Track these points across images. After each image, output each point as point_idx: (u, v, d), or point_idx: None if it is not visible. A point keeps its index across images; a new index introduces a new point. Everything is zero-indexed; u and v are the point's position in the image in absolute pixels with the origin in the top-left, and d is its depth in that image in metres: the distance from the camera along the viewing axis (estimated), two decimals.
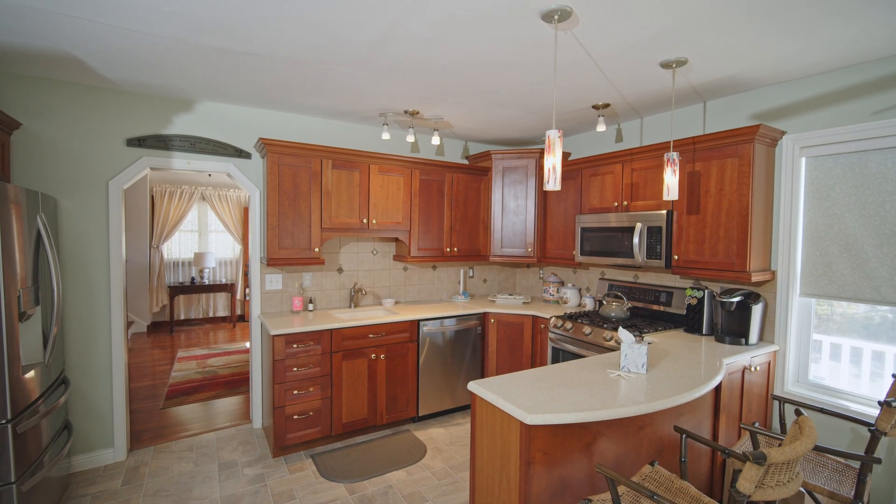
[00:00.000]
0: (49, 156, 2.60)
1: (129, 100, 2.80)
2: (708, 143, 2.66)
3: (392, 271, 3.95)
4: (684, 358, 2.27)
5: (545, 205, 3.93)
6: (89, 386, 2.76)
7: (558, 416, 1.53)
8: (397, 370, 3.29)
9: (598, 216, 3.31)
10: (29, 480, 2.00)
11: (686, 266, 2.81)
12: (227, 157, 3.14)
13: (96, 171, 2.73)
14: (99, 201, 2.74)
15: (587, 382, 1.87)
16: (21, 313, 2.01)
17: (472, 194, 3.99)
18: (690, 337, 2.79)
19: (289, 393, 2.85)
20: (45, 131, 2.59)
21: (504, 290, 4.67)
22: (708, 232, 2.70)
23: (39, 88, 2.56)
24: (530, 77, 2.53)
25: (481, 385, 1.81)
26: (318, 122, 3.50)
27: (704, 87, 2.71)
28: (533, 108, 3.16)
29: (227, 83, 2.66)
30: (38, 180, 2.58)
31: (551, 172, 1.80)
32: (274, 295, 3.38)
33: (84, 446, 2.75)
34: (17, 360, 1.96)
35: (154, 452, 2.97)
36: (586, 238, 3.43)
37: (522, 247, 4.00)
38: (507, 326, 3.71)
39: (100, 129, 2.73)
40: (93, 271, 2.75)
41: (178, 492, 2.52)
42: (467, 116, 3.37)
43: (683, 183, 2.81)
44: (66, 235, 2.66)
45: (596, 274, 3.90)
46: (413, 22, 1.89)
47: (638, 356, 2.00)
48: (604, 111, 3.19)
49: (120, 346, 2.85)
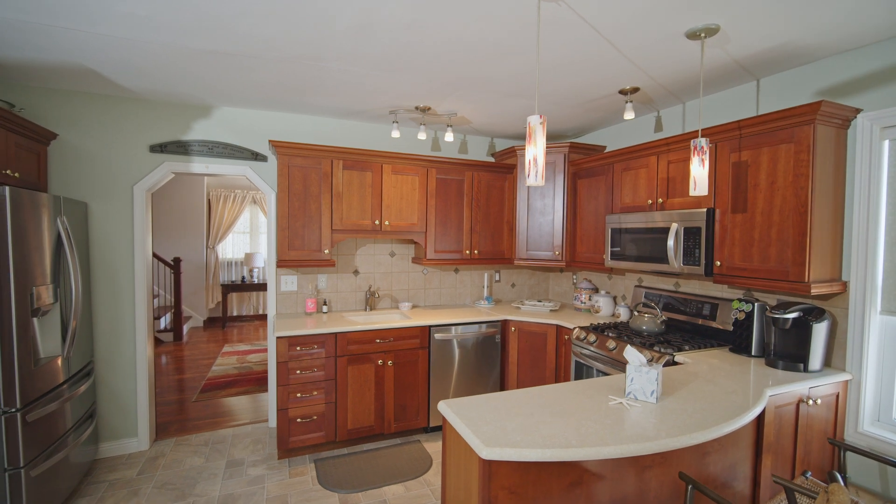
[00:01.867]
0: (81, 163, 2.81)
1: (150, 108, 2.95)
2: (756, 126, 2.22)
3: (411, 274, 3.83)
4: (716, 384, 1.89)
5: (575, 204, 3.59)
6: (116, 378, 2.94)
7: (519, 452, 1.30)
8: (407, 378, 3.16)
9: (630, 216, 2.94)
10: (39, 466, 2.13)
11: (730, 274, 2.38)
12: (243, 160, 3.21)
13: (122, 176, 2.90)
14: (124, 205, 2.91)
15: (578, 410, 1.59)
16: (35, 309, 2.15)
17: (495, 193, 3.76)
18: (735, 358, 2.35)
19: (292, 396, 2.83)
20: (78, 140, 2.80)
21: (534, 295, 4.37)
22: (757, 234, 2.25)
23: (72, 101, 2.77)
24: (534, 61, 2.27)
25: (449, 406, 1.61)
26: (332, 123, 3.48)
27: (752, 62, 2.27)
28: (552, 97, 2.87)
29: (228, 86, 2.69)
30: (72, 186, 2.79)
31: (532, 165, 1.56)
32: (289, 296, 3.41)
33: (111, 434, 2.93)
34: (28, 352, 2.09)
35: (174, 444, 3.10)
36: (617, 240, 3.07)
37: (549, 250, 3.69)
38: (528, 336, 3.43)
39: (125, 136, 2.90)
40: (119, 270, 2.92)
41: (182, 486, 2.58)
42: (480, 110, 3.16)
43: (727, 175, 2.38)
44: (96, 237, 2.86)
45: (633, 281, 3.49)
46: (388, 5, 1.74)
47: (646, 382, 1.68)
48: (632, 96, 2.82)
49: (143, 342, 3.01)
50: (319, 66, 2.37)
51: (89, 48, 2.13)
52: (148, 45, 2.10)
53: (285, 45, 2.11)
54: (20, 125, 2.36)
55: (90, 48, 2.13)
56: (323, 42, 2.07)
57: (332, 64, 2.33)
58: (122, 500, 2.44)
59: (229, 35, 1.99)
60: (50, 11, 1.78)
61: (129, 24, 1.89)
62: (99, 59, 2.27)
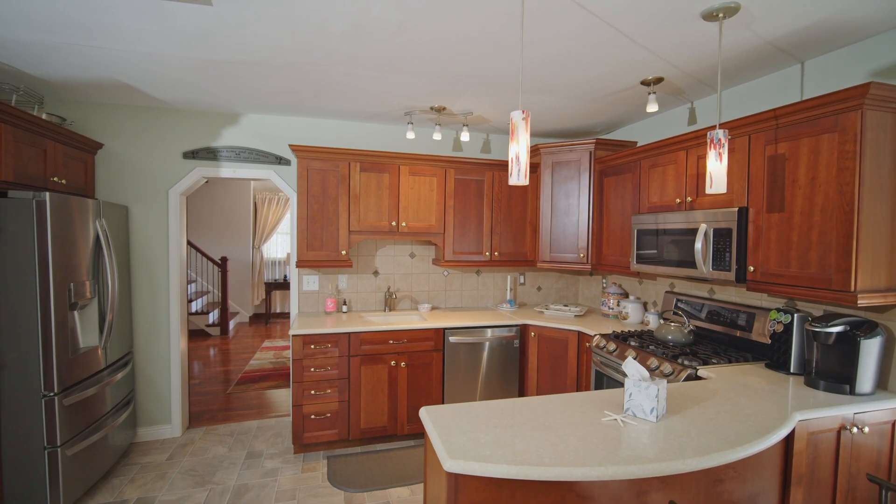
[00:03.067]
0: (123, 170, 3.06)
1: (183, 117, 3.16)
2: (794, 115, 1.97)
3: (431, 276, 3.81)
4: (735, 403, 1.69)
5: (602, 203, 3.40)
6: (152, 368, 3.17)
7: (484, 467, 1.23)
8: (420, 380, 3.14)
9: (657, 216, 2.73)
10: (76, 446, 2.34)
11: (764, 281, 2.13)
12: (268, 164, 3.35)
13: (159, 181, 3.13)
14: (160, 208, 3.14)
15: (564, 425, 1.49)
16: (73, 303, 2.37)
17: (517, 193, 3.65)
18: (769, 375, 2.10)
19: (306, 392, 2.91)
20: (121, 149, 3.05)
21: (561, 300, 4.19)
22: (795, 236, 2.00)
23: (115, 113, 3.03)
24: (538, 53, 2.16)
25: (429, 412, 1.57)
26: (351, 126, 3.54)
27: (788, 42, 2.01)
28: (568, 91, 2.73)
29: (249, 94, 2.81)
30: (116, 191, 3.05)
31: (514, 163, 1.47)
32: (311, 295, 3.51)
33: (148, 420, 3.17)
34: (66, 342, 2.31)
35: (203, 433, 3.29)
36: (643, 243, 2.86)
37: (574, 252, 3.52)
38: (549, 342, 3.29)
39: (161, 144, 3.12)
40: (156, 269, 3.15)
41: (203, 473, 2.73)
42: (495, 108, 3.07)
43: (762, 171, 2.14)
44: (136, 238, 3.10)
45: (665, 286, 3.25)
46: (375, 6, 1.73)
47: (645, 398, 1.54)
48: (656, 87, 2.61)
49: (177, 335, 3.22)
50: (325, 71, 2.41)
51: (117, 63, 2.31)
52: (166, 58, 2.24)
53: (288, 52, 2.16)
54: (67, 137, 2.61)
55: (118, 63, 2.31)
56: (321, 46, 2.10)
57: (337, 68, 2.37)
58: (149, 482, 2.62)
59: (233, 45, 2.08)
60: (72, 31, 1.95)
61: (142, 39, 2.02)
62: (129, 74, 2.46)
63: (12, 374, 2.15)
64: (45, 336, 2.19)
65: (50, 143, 2.46)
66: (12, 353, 2.14)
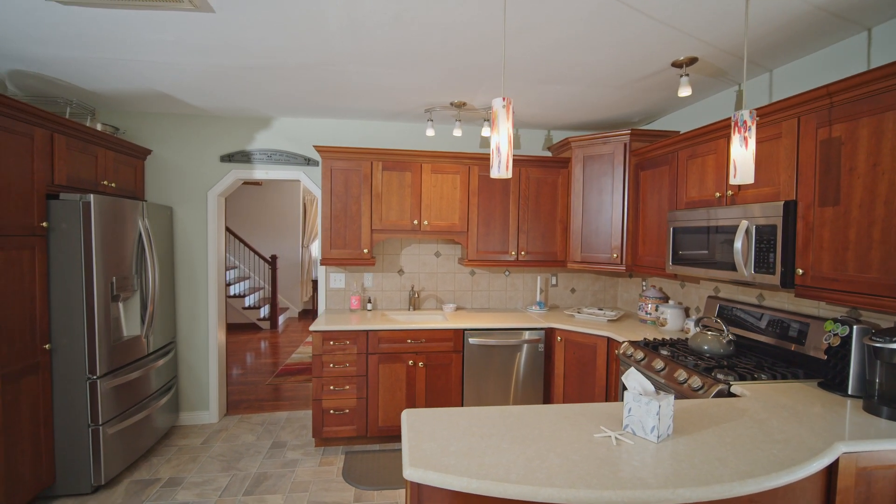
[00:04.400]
0: (168, 174, 3.32)
1: (220, 123, 3.36)
2: (851, 91, 1.67)
3: (457, 275, 3.75)
4: (764, 427, 1.46)
5: (637, 199, 3.14)
6: (193, 357, 3.41)
7: (442, 478, 1.15)
8: (439, 381, 3.09)
9: (695, 212, 2.46)
10: (117, 425, 2.57)
11: (815, 286, 1.83)
12: (297, 165, 3.48)
13: (199, 183, 3.36)
14: (200, 208, 3.37)
15: (548, 439, 1.36)
16: (115, 295, 2.60)
17: (546, 190, 3.48)
18: (821, 396, 1.80)
19: (326, 388, 2.97)
20: (167, 154, 3.31)
21: (597, 303, 3.93)
22: (853, 233, 1.69)
23: (162, 121, 3.29)
24: (547, 38, 2.02)
25: (409, 415, 1.51)
26: (374, 126, 3.57)
27: (845, 6, 1.71)
28: (592, 79, 2.54)
29: (274, 98, 2.92)
30: (162, 193, 3.32)
31: (495, 154, 1.38)
32: (337, 293, 3.59)
33: (188, 406, 3.41)
34: (108, 330, 2.53)
35: (238, 421, 3.48)
36: (679, 241, 2.59)
37: (607, 251, 3.29)
38: (576, 347, 3.10)
39: (201, 149, 3.35)
40: (196, 265, 3.39)
41: (230, 459, 2.88)
42: (517, 100, 2.94)
43: (812, 158, 1.84)
44: (179, 236, 3.35)
45: (709, 290, 2.93)
46: (366, 1, 1.71)
47: (646, 415, 1.37)
48: (690, 69, 2.35)
49: (215, 328, 3.44)
50: (338, 70, 2.44)
51: (150, 74, 2.50)
52: (187, 66, 2.38)
53: (294, 53, 2.21)
54: (116, 144, 2.87)
55: (151, 74, 2.50)
56: (324, 44, 2.11)
57: (347, 66, 2.38)
58: (182, 463, 2.82)
59: (241, 49, 2.16)
60: (105, 47, 2.12)
61: (165, 50, 2.16)
62: (163, 83, 2.65)
63: (62, 357, 2.40)
64: (89, 324, 2.42)
65: (100, 151, 2.72)
66: (62, 339, 2.39)
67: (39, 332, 2.28)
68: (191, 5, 1.73)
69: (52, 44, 2.10)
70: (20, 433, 2.17)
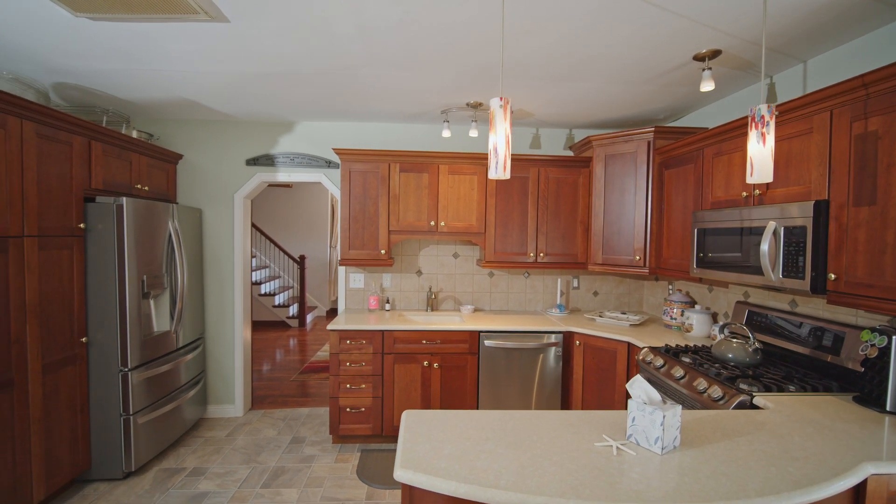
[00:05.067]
0: (198, 177, 3.48)
1: (245, 128, 3.49)
2: (890, 80, 1.54)
3: (475, 277, 3.73)
4: (783, 442, 1.36)
5: (661, 199, 3.02)
6: (220, 353, 3.56)
7: (431, 480, 1.14)
8: (454, 382, 3.08)
9: (720, 213, 2.34)
10: (147, 415, 2.71)
11: (850, 292, 1.70)
12: (319, 168, 3.56)
13: (226, 186, 3.50)
14: (227, 210, 3.51)
15: (545, 446, 1.33)
16: (146, 293, 2.75)
17: (566, 190, 3.40)
18: (855, 411, 1.66)
19: (342, 386, 3.02)
20: (197, 159, 3.48)
21: (621, 307, 3.81)
22: (892, 235, 1.56)
23: (192, 128, 3.46)
24: (556, 34, 1.97)
25: (408, 416, 1.51)
26: (394, 128, 3.60)
27: None
28: (610, 75, 2.46)
29: (294, 103, 3.01)
30: (192, 196, 3.48)
31: (493, 155, 1.36)
32: (357, 293, 3.65)
33: (216, 399, 3.56)
34: (139, 325, 2.68)
35: (261, 415, 3.61)
36: (704, 243, 2.47)
37: (629, 253, 3.18)
38: (595, 352, 3.01)
39: (228, 153, 3.49)
40: (223, 264, 3.53)
41: (251, 452, 2.99)
42: (534, 99, 2.89)
43: (846, 154, 1.71)
44: (207, 237, 3.51)
45: (738, 294, 2.77)
46: (369, 5, 1.73)
47: (650, 425, 1.31)
48: (713, 62, 2.23)
49: (240, 325, 3.57)
50: (351, 74, 2.48)
51: (178, 83, 2.63)
52: (213, 75, 2.48)
53: (308, 59, 2.26)
54: (149, 150, 3.04)
55: (178, 83, 2.63)
56: (335, 49, 2.15)
57: (361, 70, 2.42)
58: (207, 454, 2.94)
59: (257, 57, 2.23)
60: (133, 58, 2.25)
61: (188, 60, 2.27)
62: (190, 91, 2.78)
63: (97, 350, 2.56)
64: (121, 319, 2.57)
65: (134, 156, 2.89)
66: (98, 333, 2.55)
67: (77, 326, 2.45)
68: (207, 16, 1.80)
69: (88, 57, 2.24)
70: (59, 420, 2.33)
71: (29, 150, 2.13)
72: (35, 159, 2.16)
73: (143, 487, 2.55)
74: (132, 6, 1.71)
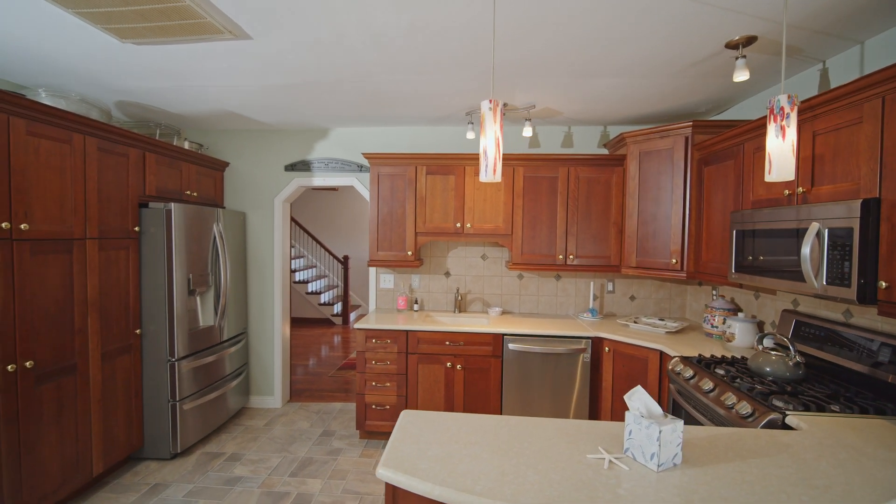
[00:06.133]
0: (243, 183, 3.74)
1: (284, 136, 3.70)
2: None
3: (504, 278, 3.68)
4: (806, 467, 1.23)
5: (701, 198, 2.82)
6: (262, 347, 3.80)
7: (409, 480, 1.16)
8: (478, 385, 3.07)
9: (759, 212, 2.15)
10: (191, 402, 2.96)
11: None
12: (351, 172, 3.70)
13: (267, 191, 3.73)
14: (268, 213, 3.74)
15: (533, 454, 1.30)
16: (192, 290, 3.00)
17: (598, 190, 3.28)
18: None
19: (368, 383, 3.11)
20: (242, 166, 3.74)
21: (661, 312, 3.59)
22: None
23: (237, 137, 3.72)
24: (573, 28, 1.91)
25: (405, 416, 1.54)
26: (422, 131, 3.65)
27: None
28: (637, 69, 2.34)
29: (325, 111, 3.14)
30: (238, 200, 3.75)
31: (483, 158, 1.34)
32: (387, 293, 3.74)
33: (257, 390, 3.80)
34: (185, 319, 2.93)
35: (298, 408, 3.80)
36: (743, 246, 2.28)
37: (665, 256, 3.00)
38: (625, 360, 2.88)
39: (269, 160, 3.72)
40: (265, 264, 3.77)
41: (284, 442, 3.16)
42: (560, 97, 2.82)
43: None
44: (251, 239, 3.76)
45: (787, 302, 2.53)
46: (377, 14, 1.78)
47: (646, 440, 1.24)
48: (748, 49, 2.04)
49: (279, 321, 3.79)
50: (373, 80, 2.55)
51: (218, 97, 2.85)
52: (247, 88, 2.66)
53: (329, 69, 2.36)
54: (198, 159, 3.31)
55: (219, 97, 2.84)
56: (352, 58, 2.23)
57: (380, 76, 2.48)
58: (244, 442, 3.15)
59: (283, 70, 2.36)
60: (177, 76, 2.47)
61: (223, 75, 2.45)
62: (231, 104, 3.00)
63: (150, 342, 2.83)
64: (169, 314, 2.83)
65: (184, 165, 3.17)
66: (150, 326, 2.82)
67: (132, 319, 2.73)
68: (231, 35, 1.94)
69: (139, 77, 2.50)
70: (116, 402, 2.61)
71: (91, 162, 2.41)
72: (96, 170, 2.44)
73: (186, 468, 2.78)
74: (167, 31, 1.89)
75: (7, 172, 1.97)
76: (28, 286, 2.06)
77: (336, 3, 1.70)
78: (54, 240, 2.20)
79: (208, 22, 1.81)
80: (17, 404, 2.02)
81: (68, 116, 2.24)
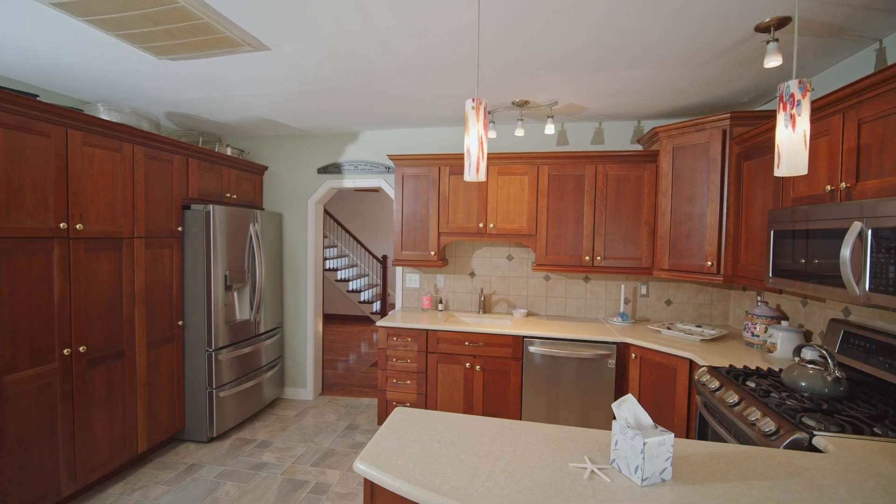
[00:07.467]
0: (279, 185, 3.96)
1: (316, 140, 3.87)
2: None
3: (530, 280, 3.61)
4: (819, 494, 1.10)
5: (738, 196, 2.61)
6: (295, 342, 3.99)
7: (379, 476, 1.17)
8: (497, 386, 3.03)
9: (798, 211, 1.95)
10: (226, 391, 3.18)
11: None
12: (379, 173, 3.79)
13: (301, 193, 3.92)
14: (302, 214, 3.93)
15: (512, 459, 1.27)
16: (229, 286, 3.22)
17: (629, 188, 3.12)
18: None
19: (389, 380, 3.18)
20: (279, 170, 3.96)
21: (700, 318, 3.35)
22: None
23: (274, 142, 3.94)
24: (587, 19, 1.84)
25: (397, 413, 1.56)
26: (446, 132, 3.66)
27: None
28: (661, 59, 2.21)
29: (350, 115, 3.25)
30: (275, 202, 3.97)
31: (466, 157, 1.33)
32: (412, 292, 3.80)
33: (291, 382, 4.00)
34: (222, 313, 3.15)
35: (328, 401, 3.95)
36: (781, 248, 2.09)
37: (700, 258, 2.80)
38: (653, 367, 2.72)
39: (303, 163, 3.91)
40: (299, 263, 3.96)
41: (310, 434, 3.30)
42: (583, 93, 2.71)
43: None
44: (286, 238, 3.97)
45: (837, 310, 2.27)
46: (381, 21, 1.82)
47: (631, 452, 1.17)
48: (780, 32, 1.85)
49: (312, 318, 3.96)
50: (391, 84, 2.60)
51: (251, 105, 3.03)
52: (274, 96, 2.82)
53: (349, 74, 2.43)
54: (238, 163, 3.55)
55: (252, 105, 3.03)
56: (366, 64, 2.28)
57: (397, 80, 2.53)
58: (275, 431, 3.33)
59: (304, 77, 2.47)
60: (209, 88, 2.66)
61: (251, 85, 2.61)
62: (265, 111, 3.18)
63: (192, 333, 3.07)
64: (208, 307, 3.06)
65: (224, 170, 3.41)
66: (191, 318, 3.07)
67: (175, 312, 2.97)
68: (251, 47, 2.07)
69: (178, 90, 2.72)
70: (160, 387, 2.86)
71: (139, 168, 2.66)
72: (143, 175, 2.69)
73: (220, 452, 2.99)
74: (194, 47, 2.05)
75: (65, 179, 2.23)
76: (82, 279, 2.32)
77: (338, 8, 1.76)
78: (105, 238, 2.46)
79: (227, 36, 1.94)
80: (72, 385, 2.28)
81: (118, 128, 2.49)
